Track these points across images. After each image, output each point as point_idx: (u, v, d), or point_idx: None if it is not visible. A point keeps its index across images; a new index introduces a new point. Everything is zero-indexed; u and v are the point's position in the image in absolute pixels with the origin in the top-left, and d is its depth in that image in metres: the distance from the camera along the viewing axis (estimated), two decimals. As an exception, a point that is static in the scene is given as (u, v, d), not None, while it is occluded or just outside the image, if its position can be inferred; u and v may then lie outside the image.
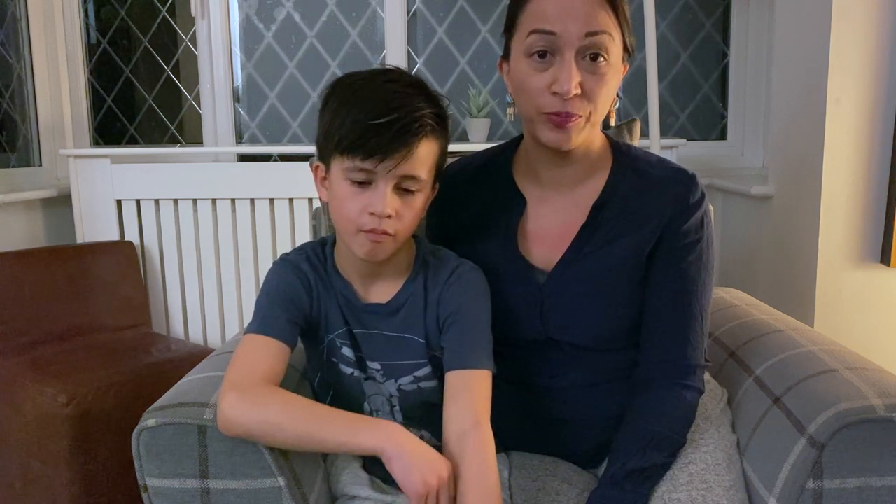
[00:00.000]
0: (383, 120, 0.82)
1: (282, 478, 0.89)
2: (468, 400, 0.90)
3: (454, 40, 2.36)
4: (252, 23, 2.36)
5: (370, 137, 0.82)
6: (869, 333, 1.72)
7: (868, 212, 1.68)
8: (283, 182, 2.03)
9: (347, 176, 0.86)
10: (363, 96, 0.85)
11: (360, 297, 0.96)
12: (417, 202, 0.89)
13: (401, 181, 0.86)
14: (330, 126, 0.86)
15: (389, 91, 0.85)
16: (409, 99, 0.85)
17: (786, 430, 0.91)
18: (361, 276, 0.96)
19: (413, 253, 0.98)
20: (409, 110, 0.83)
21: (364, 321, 0.96)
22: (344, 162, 0.85)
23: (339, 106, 0.86)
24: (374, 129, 0.82)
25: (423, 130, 0.84)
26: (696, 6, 2.36)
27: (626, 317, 0.99)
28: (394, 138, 0.82)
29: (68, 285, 1.88)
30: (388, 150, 0.83)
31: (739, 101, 2.36)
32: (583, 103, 0.90)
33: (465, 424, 0.88)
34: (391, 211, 0.85)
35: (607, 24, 0.88)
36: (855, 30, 1.62)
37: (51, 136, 2.29)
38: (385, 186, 0.85)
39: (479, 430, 0.87)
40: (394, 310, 0.95)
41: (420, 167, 0.86)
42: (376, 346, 0.96)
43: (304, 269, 0.96)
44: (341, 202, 0.87)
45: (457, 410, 0.89)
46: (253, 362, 0.88)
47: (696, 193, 0.98)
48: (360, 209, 0.86)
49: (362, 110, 0.83)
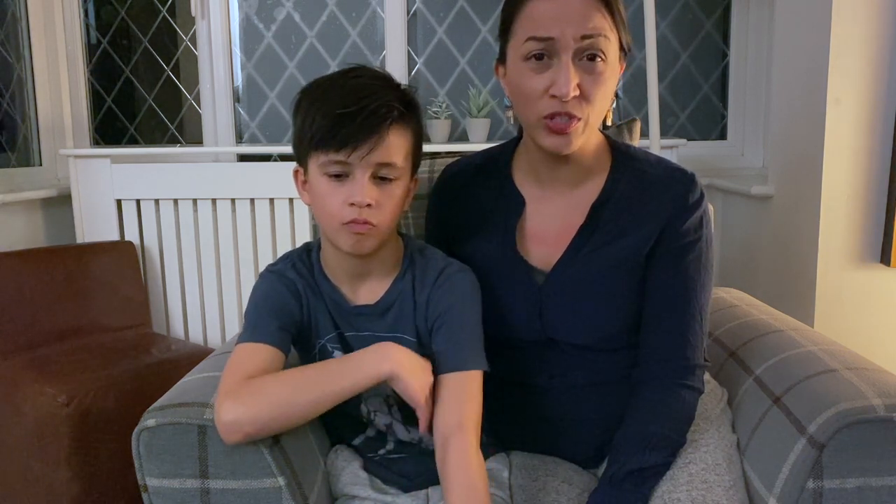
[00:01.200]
0: (352, 109, 0.84)
1: (282, 478, 0.89)
2: (454, 403, 0.90)
3: (454, 40, 2.36)
4: (252, 23, 2.36)
5: (340, 128, 0.84)
6: (869, 333, 1.72)
7: (868, 212, 1.68)
8: (283, 182, 2.02)
9: (324, 171, 0.87)
10: (331, 93, 0.87)
11: (349, 299, 0.96)
12: (396, 191, 0.90)
13: (377, 170, 0.87)
14: (302, 126, 0.89)
15: (356, 85, 0.88)
16: (376, 90, 0.87)
17: (786, 430, 0.91)
18: (349, 277, 0.96)
19: (400, 251, 0.98)
20: (375, 99, 0.86)
21: (354, 323, 0.97)
22: (319, 158, 0.87)
23: (308, 106, 0.88)
24: (344, 120, 0.84)
25: (390, 116, 0.86)
26: (696, 6, 2.36)
27: (626, 317, 0.99)
28: (363, 126, 0.84)
29: (68, 285, 1.88)
30: (359, 138, 0.84)
31: (739, 101, 2.36)
32: (581, 104, 0.90)
33: (449, 429, 0.89)
34: (370, 199, 0.86)
35: (603, 25, 0.88)
36: (855, 30, 1.62)
37: (51, 136, 2.29)
38: (362, 176, 0.86)
39: (462, 434, 0.88)
40: (383, 310, 0.96)
41: (394, 153, 0.87)
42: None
43: (291, 277, 0.96)
44: (322, 199, 0.89)
45: (442, 414, 0.90)
46: (245, 369, 0.87)
47: (695, 193, 0.98)
48: (341, 203, 0.87)
49: (331, 104, 0.86)
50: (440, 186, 1.13)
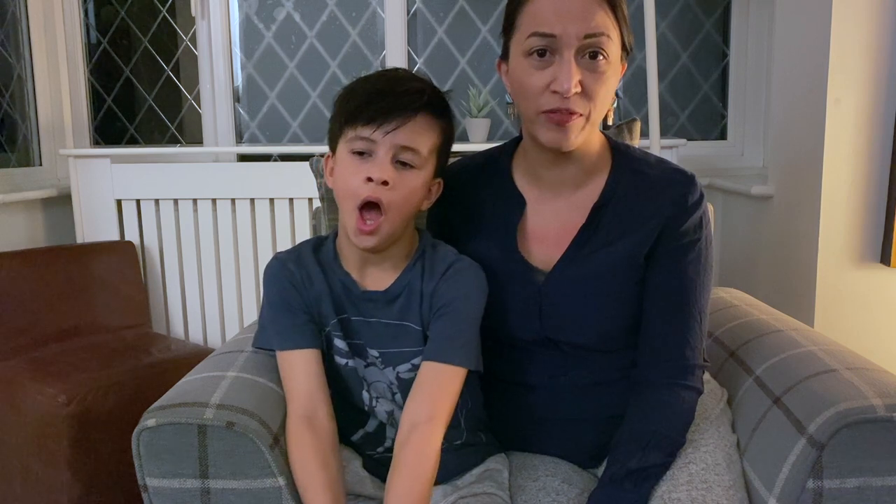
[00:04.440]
0: (385, 89, 0.90)
1: (282, 478, 0.89)
2: (430, 393, 0.91)
3: (454, 40, 2.36)
4: (252, 23, 2.36)
5: (371, 105, 0.89)
6: (869, 333, 1.72)
7: (868, 212, 1.68)
8: (283, 182, 2.03)
9: (350, 148, 0.90)
10: (369, 81, 0.93)
11: (359, 284, 0.97)
12: (415, 181, 0.91)
13: (399, 152, 0.90)
14: (339, 109, 0.93)
15: (393, 75, 0.94)
16: (413, 80, 0.93)
17: (786, 430, 0.91)
18: (361, 264, 0.98)
19: (414, 244, 1.00)
20: (409, 87, 0.91)
21: (362, 309, 0.97)
22: (347, 135, 0.91)
23: (346, 93, 0.94)
24: (376, 98, 0.89)
25: (420, 101, 0.90)
26: (696, 6, 2.36)
27: (625, 317, 0.99)
28: (393, 105, 0.89)
29: (68, 285, 1.88)
30: (387, 116, 0.88)
31: (739, 101, 2.36)
32: (582, 101, 0.90)
33: (419, 417, 0.90)
34: (387, 176, 0.88)
35: (606, 24, 0.88)
36: (855, 30, 1.62)
37: (51, 136, 2.29)
38: (384, 155, 0.89)
39: (430, 426, 0.89)
40: (391, 298, 0.96)
41: (418, 139, 0.90)
42: (375, 334, 0.97)
43: (291, 268, 0.99)
44: (344, 178, 0.91)
45: (416, 401, 0.92)
46: (295, 387, 0.95)
47: (694, 194, 0.98)
48: (360, 180, 0.89)
49: (367, 87, 0.92)
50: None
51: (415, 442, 0.89)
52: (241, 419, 0.88)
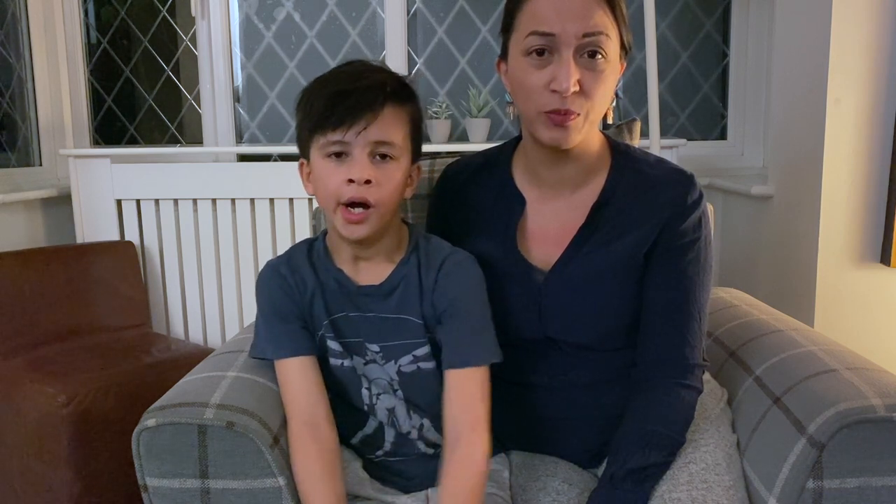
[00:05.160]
0: (347, 88, 0.88)
1: (282, 478, 0.89)
2: (461, 403, 0.92)
3: (454, 40, 2.36)
4: (252, 23, 2.36)
5: (336, 107, 0.87)
6: (869, 333, 1.72)
7: (868, 212, 1.68)
8: (283, 182, 2.03)
9: (324, 153, 0.89)
10: (327, 81, 0.92)
11: (353, 280, 0.97)
12: (396, 173, 0.91)
13: (375, 147, 0.89)
14: (303, 116, 0.92)
15: (351, 70, 0.92)
16: (370, 73, 0.91)
17: (786, 429, 0.91)
18: (353, 260, 0.97)
19: (405, 237, 0.99)
20: (370, 79, 0.89)
21: (359, 304, 0.97)
22: (319, 141, 0.89)
23: (307, 97, 0.92)
24: (339, 99, 0.87)
25: (383, 93, 0.88)
26: (696, 6, 2.36)
27: (625, 316, 0.99)
28: (358, 103, 0.87)
29: (68, 285, 1.88)
30: (355, 115, 0.87)
31: (739, 101, 2.36)
32: (581, 100, 0.90)
33: (462, 426, 0.90)
34: (368, 175, 0.88)
35: (605, 23, 0.88)
36: (855, 30, 1.62)
37: (51, 136, 2.29)
38: (360, 154, 0.88)
39: (474, 434, 0.90)
40: (388, 291, 0.96)
41: (391, 131, 0.89)
42: (374, 328, 0.97)
43: (283, 273, 0.98)
44: (323, 182, 0.90)
45: (455, 412, 0.92)
46: (294, 394, 0.95)
47: (693, 193, 0.98)
48: (340, 182, 0.88)
49: (328, 88, 0.90)
50: (441, 186, 1.13)
51: (460, 455, 0.90)
52: (241, 419, 0.88)
